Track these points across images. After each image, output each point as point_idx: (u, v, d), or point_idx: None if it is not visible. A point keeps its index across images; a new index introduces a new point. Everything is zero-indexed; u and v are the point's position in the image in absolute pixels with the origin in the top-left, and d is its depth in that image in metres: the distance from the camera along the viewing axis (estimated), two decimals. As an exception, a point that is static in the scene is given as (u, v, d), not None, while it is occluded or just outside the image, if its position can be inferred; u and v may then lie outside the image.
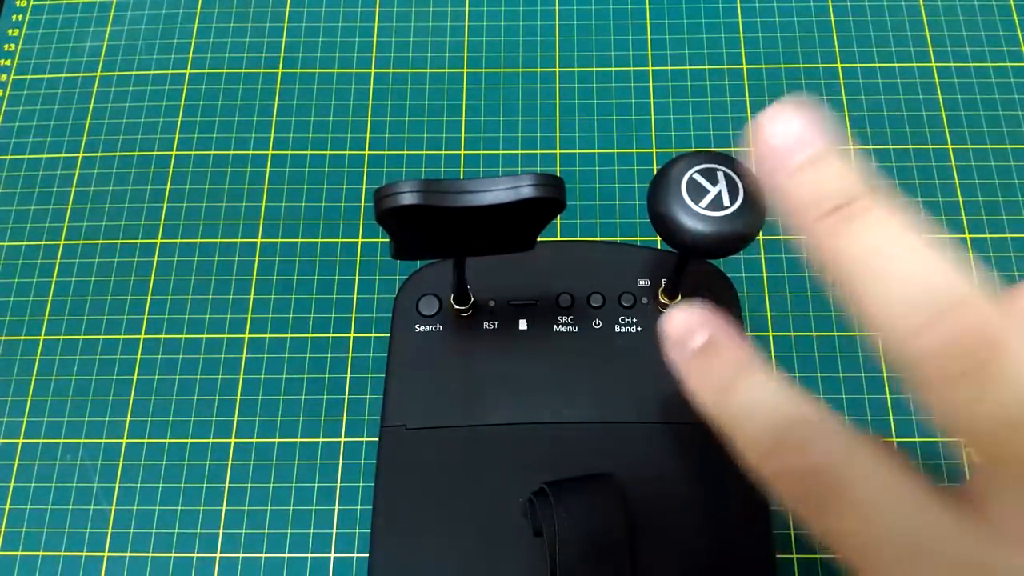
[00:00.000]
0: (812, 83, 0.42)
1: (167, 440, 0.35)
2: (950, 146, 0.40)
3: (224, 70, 0.43)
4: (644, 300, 0.33)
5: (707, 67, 0.43)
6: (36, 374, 0.37)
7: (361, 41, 0.44)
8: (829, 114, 0.17)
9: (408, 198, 0.22)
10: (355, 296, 0.38)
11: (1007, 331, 0.16)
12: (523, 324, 0.33)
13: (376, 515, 0.30)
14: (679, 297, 0.32)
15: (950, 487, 0.17)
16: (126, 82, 0.43)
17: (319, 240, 0.39)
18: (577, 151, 0.41)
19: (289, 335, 0.37)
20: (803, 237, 0.17)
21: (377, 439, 0.32)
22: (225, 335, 0.37)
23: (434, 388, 0.32)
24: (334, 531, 0.34)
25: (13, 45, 0.44)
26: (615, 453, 0.31)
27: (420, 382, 0.32)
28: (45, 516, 0.34)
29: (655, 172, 0.28)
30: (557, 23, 0.44)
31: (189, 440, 0.35)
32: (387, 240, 0.30)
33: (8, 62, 0.44)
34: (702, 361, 0.19)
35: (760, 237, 0.38)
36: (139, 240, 0.39)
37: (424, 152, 0.41)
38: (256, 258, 0.39)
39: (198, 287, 0.38)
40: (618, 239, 0.39)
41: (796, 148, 0.17)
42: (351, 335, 0.37)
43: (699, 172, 0.26)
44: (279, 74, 0.43)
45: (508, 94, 0.42)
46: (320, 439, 0.35)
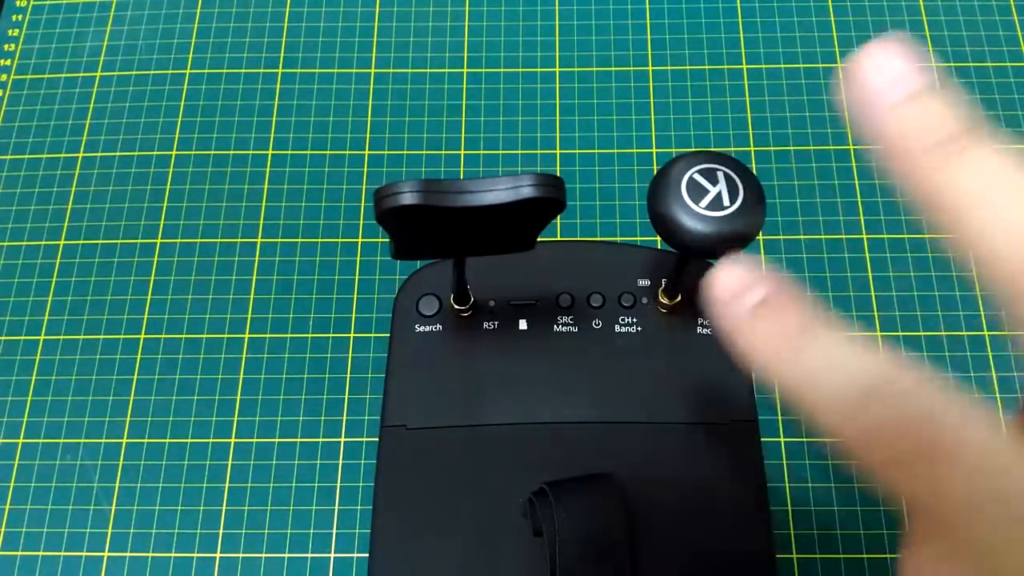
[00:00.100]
0: (812, 83, 0.42)
1: (167, 440, 0.35)
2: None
3: (224, 70, 0.43)
4: (644, 300, 0.33)
5: (707, 67, 0.43)
6: (36, 374, 0.37)
7: (361, 41, 0.44)
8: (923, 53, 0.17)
9: (408, 198, 0.22)
10: (355, 296, 0.38)
11: None
12: (523, 324, 0.33)
13: (376, 515, 0.30)
14: (679, 297, 0.32)
15: None
16: (126, 82, 0.43)
17: (319, 240, 0.39)
18: (577, 151, 0.41)
19: (289, 335, 0.37)
20: (905, 174, 0.17)
21: (377, 439, 0.32)
22: (225, 335, 0.37)
23: (434, 388, 0.32)
24: (334, 531, 0.34)
25: (13, 45, 0.44)
26: (615, 453, 0.31)
27: (420, 382, 0.32)
28: (45, 516, 0.34)
29: (655, 172, 0.28)
30: (557, 23, 0.44)
31: (189, 440, 0.35)
32: (387, 240, 0.30)
33: (8, 62, 0.44)
34: (761, 320, 0.17)
35: (760, 237, 0.38)
36: (139, 240, 0.39)
37: (424, 152, 0.41)
38: (256, 258, 0.39)
39: (198, 287, 0.38)
40: (618, 239, 0.39)
41: (900, 82, 0.17)
42: (351, 335, 0.37)
43: (699, 172, 0.26)
44: (279, 74, 0.43)
45: (508, 94, 0.42)
46: (320, 439, 0.35)
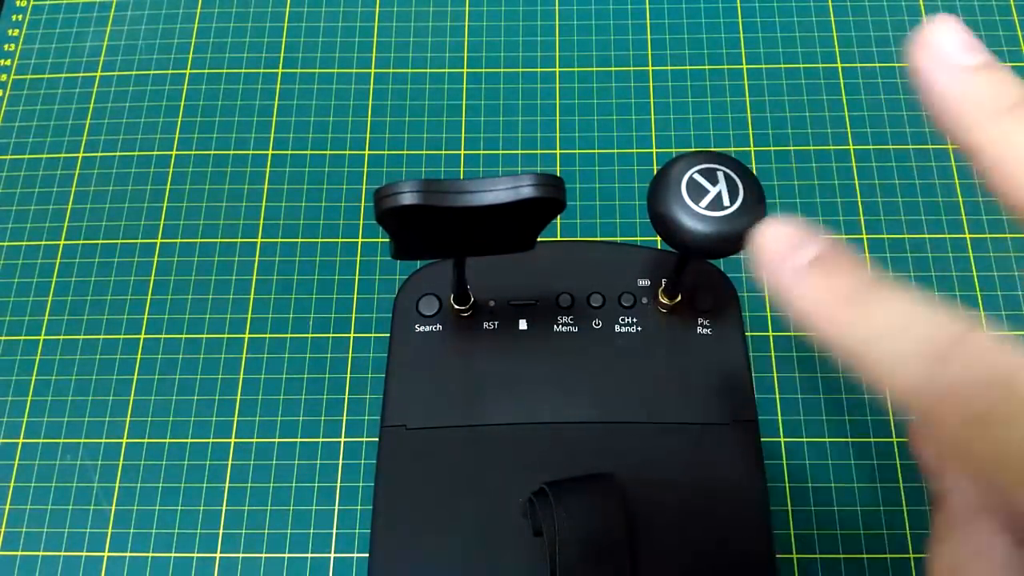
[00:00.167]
0: (812, 83, 0.42)
1: (167, 440, 0.35)
2: (950, 146, 0.40)
3: (224, 70, 0.43)
4: (644, 300, 0.33)
5: (707, 67, 0.43)
6: (36, 374, 0.37)
7: (361, 41, 0.44)
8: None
9: (408, 198, 0.22)
10: (355, 296, 0.38)
11: None
12: (523, 324, 0.33)
13: (376, 515, 0.30)
14: (679, 297, 0.32)
15: None
16: (126, 82, 0.43)
17: (319, 240, 0.39)
18: (577, 151, 0.41)
19: (289, 335, 0.37)
20: (972, 139, 0.17)
21: (377, 439, 0.32)
22: (225, 335, 0.37)
23: (434, 388, 0.32)
24: (334, 531, 0.34)
25: (13, 45, 0.44)
26: (615, 453, 0.31)
27: (420, 382, 0.32)
28: (45, 516, 0.34)
29: (655, 172, 0.28)
30: (557, 23, 0.44)
31: (189, 440, 0.35)
32: (387, 240, 0.30)
33: (8, 62, 0.44)
34: (817, 278, 0.17)
35: (760, 237, 0.38)
36: (139, 240, 0.39)
37: (424, 152, 0.41)
38: (256, 258, 0.39)
39: (198, 287, 0.38)
40: (618, 239, 0.39)
41: (967, 52, 0.17)
42: (351, 335, 0.37)
43: (699, 172, 0.26)
44: (279, 74, 0.43)
45: (508, 94, 0.42)
46: (320, 439, 0.35)
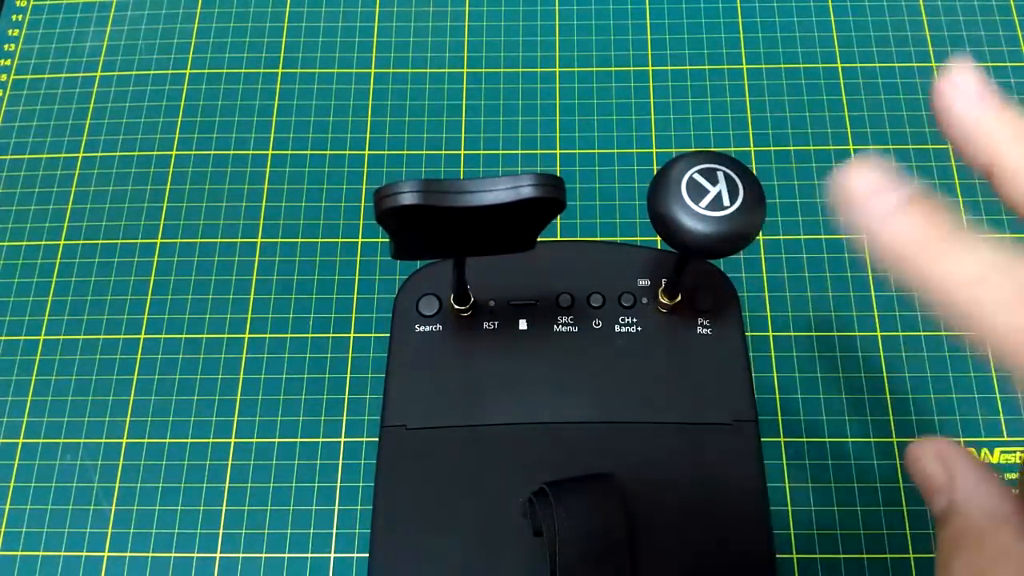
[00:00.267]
0: (812, 83, 0.42)
1: (167, 440, 0.35)
2: (951, 146, 0.40)
3: (224, 70, 0.43)
4: (644, 300, 0.33)
5: (707, 67, 0.43)
6: (36, 374, 0.37)
7: (361, 41, 0.44)
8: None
9: (408, 198, 0.22)
10: (355, 296, 0.38)
11: None
12: (523, 324, 0.33)
13: (376, 515, 0.30)
14: (679, 297, 0.32)
15: None
16: (126, 82, 0.43)
17: (319, 240, 0.39)
18: (577, 151, 0.41)
19: (289, 335, 0.37)
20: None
21: (377, 439, 0.32)
22: (225, 335, 0.37)
23: (434, 388, 0.32)
24: (334, 531, 0.34)
25: (13, 45, 0.44)
26: (615, 453, 0.31)
27: (420, 382, 0.32)
28: (45, 516, 0.34)
29: (655, 172, 0.28)
30: (557, 23, 0.44)
31: (189, 440, 0.35)
32: (387, 240, 0.30)
33: (8, 62, 0.44)
34: (909, 218, 0.16)
35: (760, 237, 0.38)
36: (139, 240, 0.39)
37: (424, 152, 0.41)
38: (256, 258, 0.39)
39: (198, 287, 0.38)
40: (618, 239, 0.39)
41: (990, 90, 0.17)
42: (351, 335, 0.37)
43: (699, 172, 0.26)
44: (279, 74, 0.43)
45: (508, 94, 0.42)
46: (320, 439, 0.35)
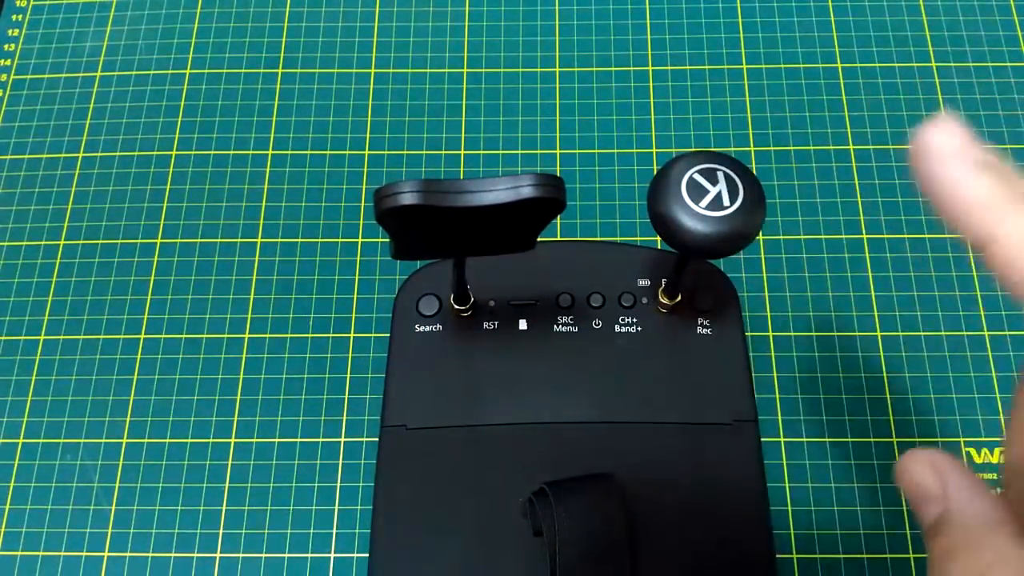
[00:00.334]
0: (812, 83, 0.42)
1: (167, 440, 0.35)
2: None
3: (224, 70, 0.43)
4: (644, 300, 0.33)
5: (707, 67, 0.43)
6: (36, 374, 0.37)
7: (361, 41, 0.44)
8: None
9: (408, 198, 0.22)
10: (355, 296, 0.38)
11: None
12: (523, 324, 0.33)
13: (376, 515, 0.30)
14: (679, 297, 0.32)
15: None
16: (126, 82, 0.43)
17: (319, 240, 0.39)
18: (577, 151, 0.41)
19: (289, 335, 0.37)
20: (986, 229, 0.17)
21: (377, 439, 0.32)
22: (225, 335, 0.37)
23: (434, 388, 0.32)
24: (334, 531, 0.34)
25: (13, 45, 0.44)
26: (615, 453, 0.31)
27: (420, 382, 0.32)
28: (45, 516, 0.34)
29: (655, 172, 0.28)
30: (557, 23, 0.44)
31: (189, 440, 0.35)
32: (387, 240, 0.30)
33: (8, 62, 0.44)
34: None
35: (760, 237, 0.38)
36: (139, 240, 0.39)
37: (424, 152, 0.41)
38: (256, 258, 0.39)
39: (198, 287, 0.38)
40: (618, 239, 0.39)
41: (973, 148, 0.18)
42: (351, 335, 0.37)
43: (699, 172, 0.26)
44: (279, 74, 0.43)
45: (508, 94, 0.42)
46: (320, 439, 0.35)
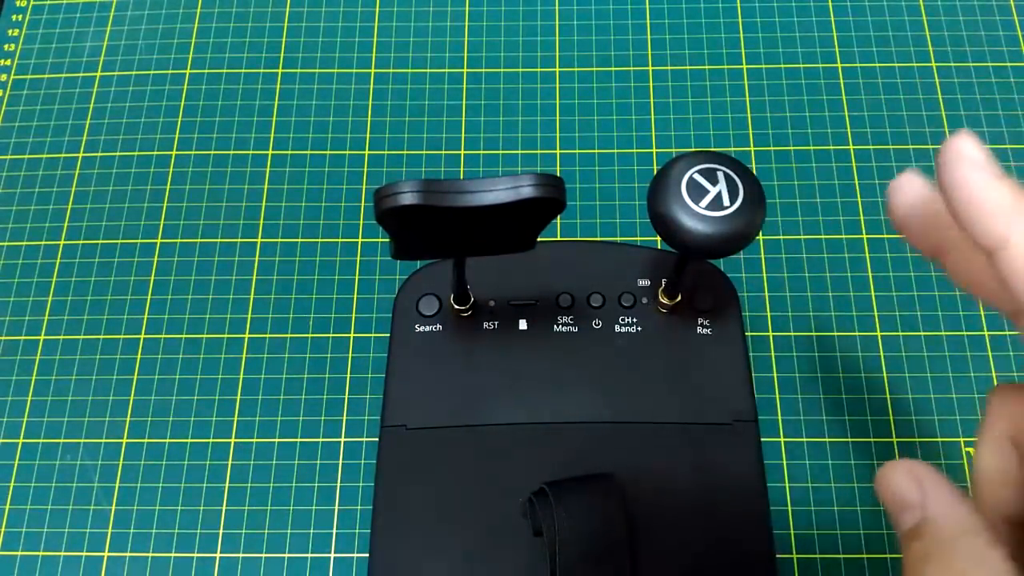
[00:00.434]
0: (812, 83, 0.42)
1: (167, 440, 0.35)
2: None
3: (224, 70, 0.43)
4: (644, 300, 0.33)
5: (707, 67, 0.43)
6: (36, 374, 0.37)
7: (361, 41, 0.44)
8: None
9: (408, 198, 0.22)
10: (355, 296, 0.38)
11: None
12: (523, 324, 0.33)
13: (376, 515, 0.30)
14: (679, 297, 0.32)
15: None
16: (126, 82, 0.43)
17: (319, 240, 0.39)
18: (577, 151, 0.41)
19: (289, 335, 0.37)
20: (998, 233, 0.18)
21: (377, 439, 0.32)
22: (225, 335, 0.37)
23: (434, 388, 0.32)
24: (334, 531, 0.34)
25: (13, 45, 0.44)
26: (615, 453, 0.31)
27: (420, 382, 0.32)
28: (45, 516, 0.34)
29: (655, 172, 0.28)
30: (557, 23, 0.44)
31: (189, 440, 0.35)
32: (387, 240, 0.30)
33: (8, 62, 0.44)
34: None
35: (760, 237, 0.38)
36: (139, 240, 0.39)
37: (424, 152, 0.41)
38: (256, 258, 0.39)
39: (198, 287, 0.38)
40: (618, 239, 0.39)
41: (991, 162, 0.18)
42: (351, 335, 0.37)
43: (699, 172, 0.26)
44: (279, 74, 0.43)
45: (508, 94, 0.42)
46: (320, 439, 0.35)
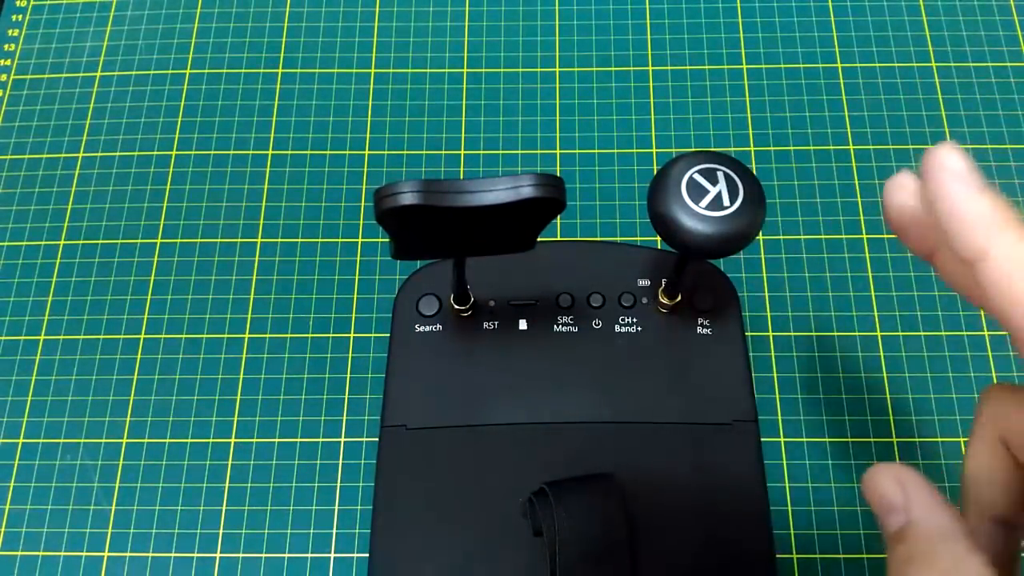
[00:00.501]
0: (812, 83, 0.42)
1: (167, 440, 0.35)
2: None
3: (224, 70, 0.43)
4: (644, 300, 0.33)
5: (707, 67, 0.43)
6: (36, 374, 0.37)
7: (361, 41, 0.44)
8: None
9: (408, 198, 0.22)
10: (355, 296, 0.38)
11: None
12: (523, 324, 0.33)
13: (376, 515, 0.30)
14: (679, 297, 0.32)
15: None
16: (126, 82, 0.43)
17: (319, 240, 0.39)
18: (577, 151, 0.41)
19: (289, 335, 0.37)
20: (979, 244, 0.18)
21: (377, 439, 0.32)
22: (225, 335, 0.37)
23: (434, 388, 0.32)
24: (334, 531, 0.34)
25: (13, 45, 0.44)
26: (615, 453, 0.31)
27: (420, 382, 0.32)
28: (45, 516, 0.34)
29: (655, 172, 0.28)
30: (557, 23, 0.44)
31: (189, 440, 0.35)
32: (387, 240, 0.30)
33: (8, 62, 0.44)
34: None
35: (760, 237, 0.38)
36: (139, 240, 0.39)
37: (424, 152, 0.41)
38: (256, 258, 0.39)
39: (198, 287, 0.38)
40: (618, 239, 0.39)
41: (975, 173, 0.19)
42: (351, 335, 0.37)
43: (699, 172, 0.26)
44: (279, 74, 0.43)
45: (508, 94, 0.42)
46: (320, 439, 0.35)
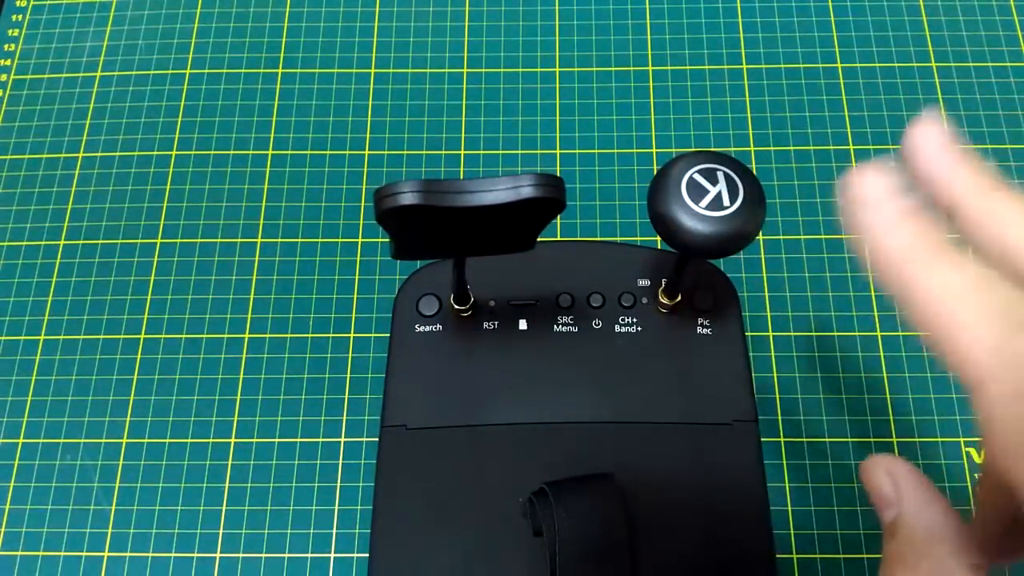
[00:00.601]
0: (812, 83, 0.42)
1: (167, 440, 0.35)
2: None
3: (224, 70, 0.43)
4: (644, 300, 0.33)
5: (707, 67, 0.43)
6: (36, 374, 0.37)
7: (361, 41, 0.44)
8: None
9: (408, 198, 0.22)
10: (355, 296, 0.38)
11: None
12: (523, 324, 0.33)
13: (376, 515, 0.30)
14: (679, 297, 0.32)
15: None
16: (126, 82, 0.43)
17: (319, 240, 0.39)
18: (577, 151, 0.41)
19: (289, 335, 0.37)
20: (967, 208, 0.17)
21: (377, 439, 0.32)
22: (225, 335, 0.37)
23: (434, 388, 0.32)
24: (334, 531, 0.34)
25: (13, 45, 0.44)
26: (615, 453, 0.31)
27: (420, 382, 0.32)
28: (45, 516, 0.34)
29: (655, 172, 0.28)
30: (557, 23, 0.44)
31: (189, 440, 0.35)
32: (387, 240, 0.30)
33: (8, 62, 0.44)
34: (910, 227, 0.16)
35: (760, 237, 0.38)
36: (139, 240, 0.39)
37: (424, 152, 0.41)
38: (256, 258, 0.39)
39: (198, 287, 0.38)
40: (618, 239, 0.39)
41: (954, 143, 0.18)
42: (351, 335, 0.37)
43: (699, 172, 0.26)
44: (279, 74, 0.43)
45: (508, 94, 0.42)
46: (320, 439, 0.35)
